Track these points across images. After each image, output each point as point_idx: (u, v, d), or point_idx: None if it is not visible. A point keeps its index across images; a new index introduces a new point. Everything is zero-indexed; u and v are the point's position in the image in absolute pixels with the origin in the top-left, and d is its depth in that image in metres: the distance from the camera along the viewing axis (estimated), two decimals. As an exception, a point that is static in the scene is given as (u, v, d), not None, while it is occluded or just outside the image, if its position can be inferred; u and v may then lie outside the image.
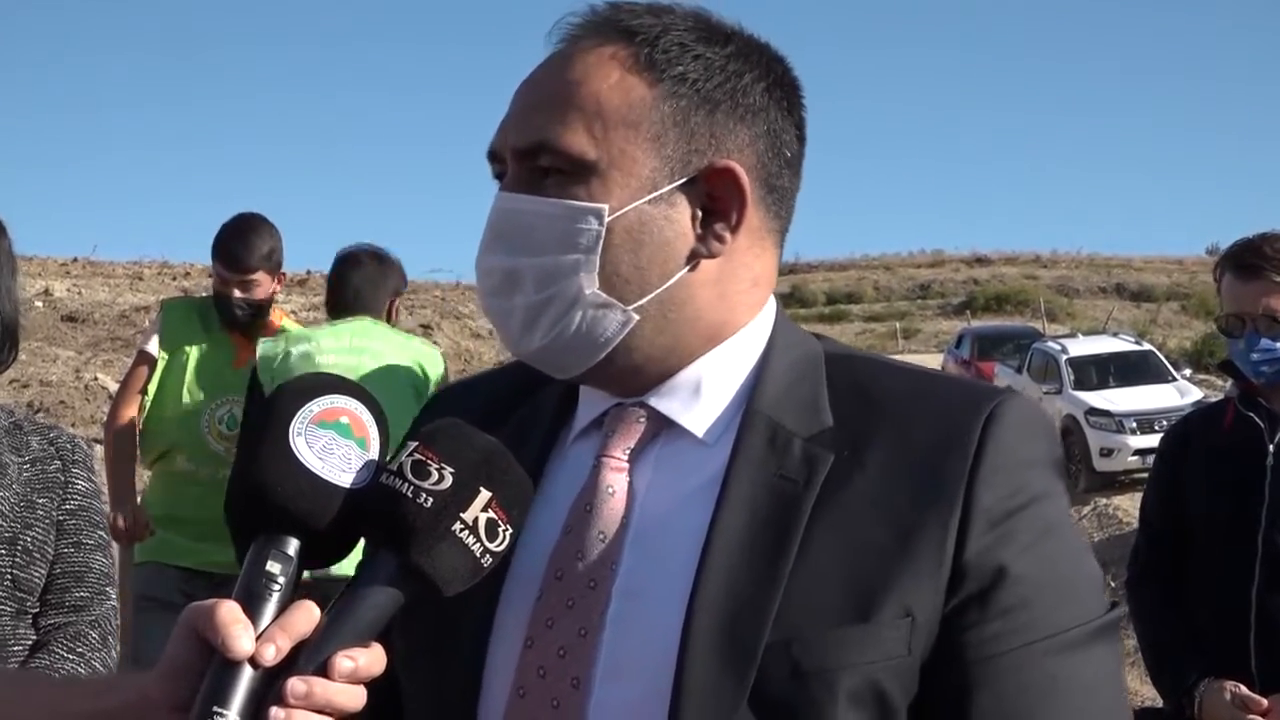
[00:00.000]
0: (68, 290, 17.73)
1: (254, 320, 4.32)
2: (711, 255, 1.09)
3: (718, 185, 1.08)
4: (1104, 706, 1.03)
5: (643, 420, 1.11)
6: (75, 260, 21.51)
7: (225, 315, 4.30)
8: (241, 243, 4.24)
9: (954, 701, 0.99)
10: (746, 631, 0.98)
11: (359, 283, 4.13)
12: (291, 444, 0.98)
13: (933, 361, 27.42)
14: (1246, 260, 2.78)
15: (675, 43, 1.08)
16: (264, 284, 4.28)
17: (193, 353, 4.23)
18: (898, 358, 1.39)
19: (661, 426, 1.11)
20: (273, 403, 1.02)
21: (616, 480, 1.09)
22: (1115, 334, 21.94)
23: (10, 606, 2.05)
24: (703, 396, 1.11)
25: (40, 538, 2.09)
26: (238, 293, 4.24)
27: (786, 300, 52.38)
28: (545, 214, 1.05)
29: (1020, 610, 1.00)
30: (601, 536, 1.07)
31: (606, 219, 1.05)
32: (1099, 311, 44.14)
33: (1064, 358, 18.35)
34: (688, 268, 1.08)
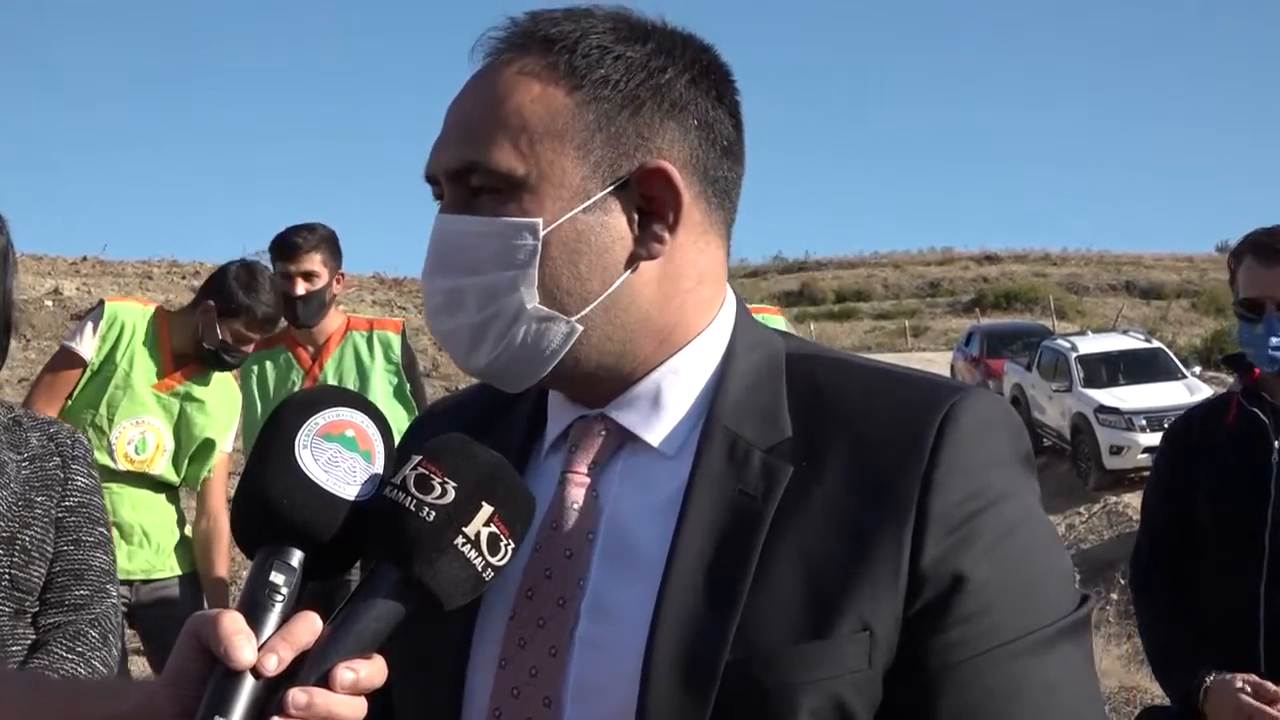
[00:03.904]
0: (77, 289, 17.75)
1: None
2: (652, 257, 1.07)
3: (651, 186, 1.06)
4: (1073, 705, 1.00)
5: (604, 433, 1.11)
6: (85, 259, 21.58)
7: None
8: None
9: (918, 711, 0.98)
10: (707, 651, 0.98)
11: None
12: (296, 456, 0.99)
13: (942, 359, 27.38)
14: (1270, 243, 2.72)
15: (594, 46, 1.07)
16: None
17: (120, 366, 4.06)
18: (906, 356, 1.37)
19: (624, 439, 1.11)
20: (279, 415, 1.02)
21: (580, 495, 1.09)
22: (1125, 331, 21.84)
23: (9, 606, 2.04)
24: (663, 408, 1.10)
25: (39, 536, 2.08)
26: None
27: (796, 298, 52.40)
28: (480, 233, 1.05)
29: (981, 616, 0.98)
30: (568, 553, 1.07)
31: (541, 232, 1.04)
32: (1109, 309, 44.01)
33: (1074, 355, 18.29)
34: (629, 272, 1.07)
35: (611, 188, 1.06)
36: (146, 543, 4.11)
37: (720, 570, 1.00)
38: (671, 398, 1.10)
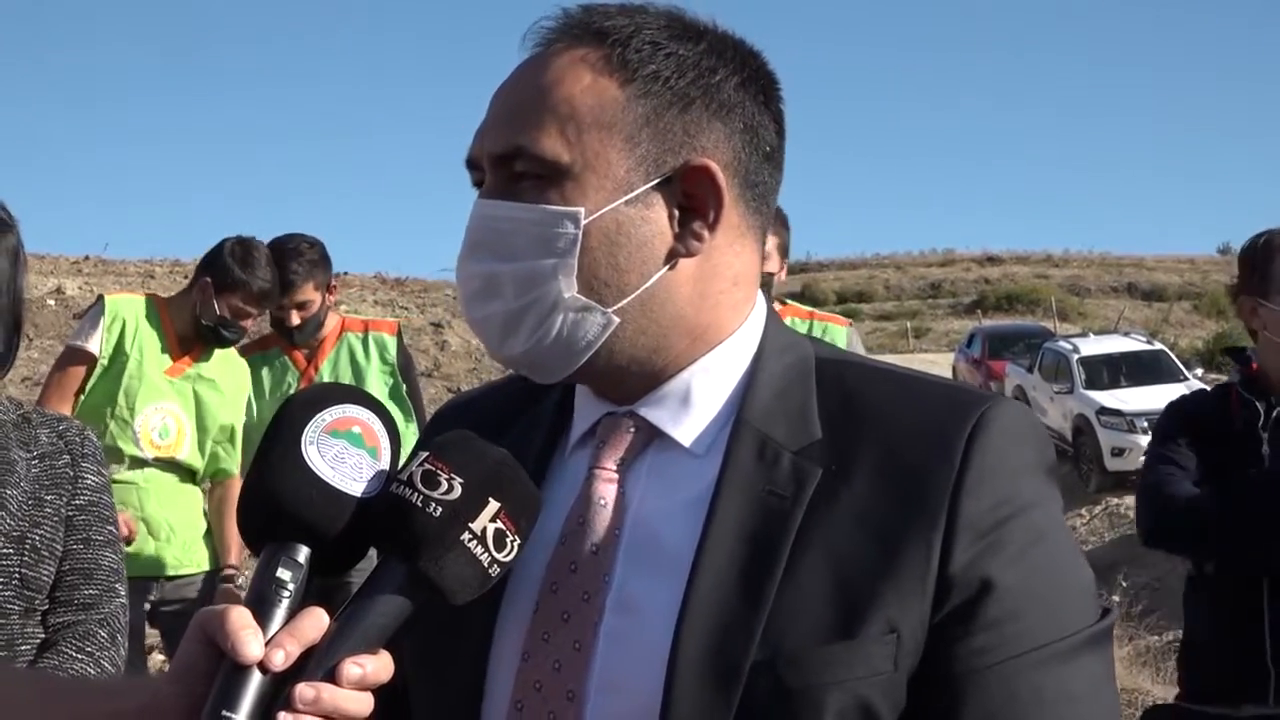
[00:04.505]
0: (79, 288, 17.76)
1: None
2: (690, 254, 1.08)
3: (694, 184, 1.07)
4: (1094, 717, 1.01)
5: (633, 430, 1.11)
6: (87, 258, 21.57)
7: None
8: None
9: (942, 715, 0.98)
10: (733, 650, 0.98)
11: None
12: (303, 453, 0.99)
13: (944, 360, 27.37)
14: None
15: (647, 41, 1.08)
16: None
17: (132, 356, 4.10)
18: (907, 358, 1.38)
19: (652, 436, 1.11)
20: (286, 411, 1.03)
21: (608, 492, 1.09)
22: (1127, 333, 21.86)
23: (19, 605, 2.03)
24: (692, 406, 1.11)
25: (49, 535, 2.07)
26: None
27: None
28: (521, 219, 1.05)
29: (1007, 623, 0.99)
30: (594, 549, 1.07)
31: (583, 221, 1.04)
32: (1110, 311, 43.99)
33: (1075, 357, 18.32)
34: (667, 267, 1.07)
35: (655, 182, 1.06)
36: (174, 538, 4.12)
37: (748, 569, 1.01)
38: (701, 397, 1.11)
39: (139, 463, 4.06)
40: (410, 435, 4.13)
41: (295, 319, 4.41)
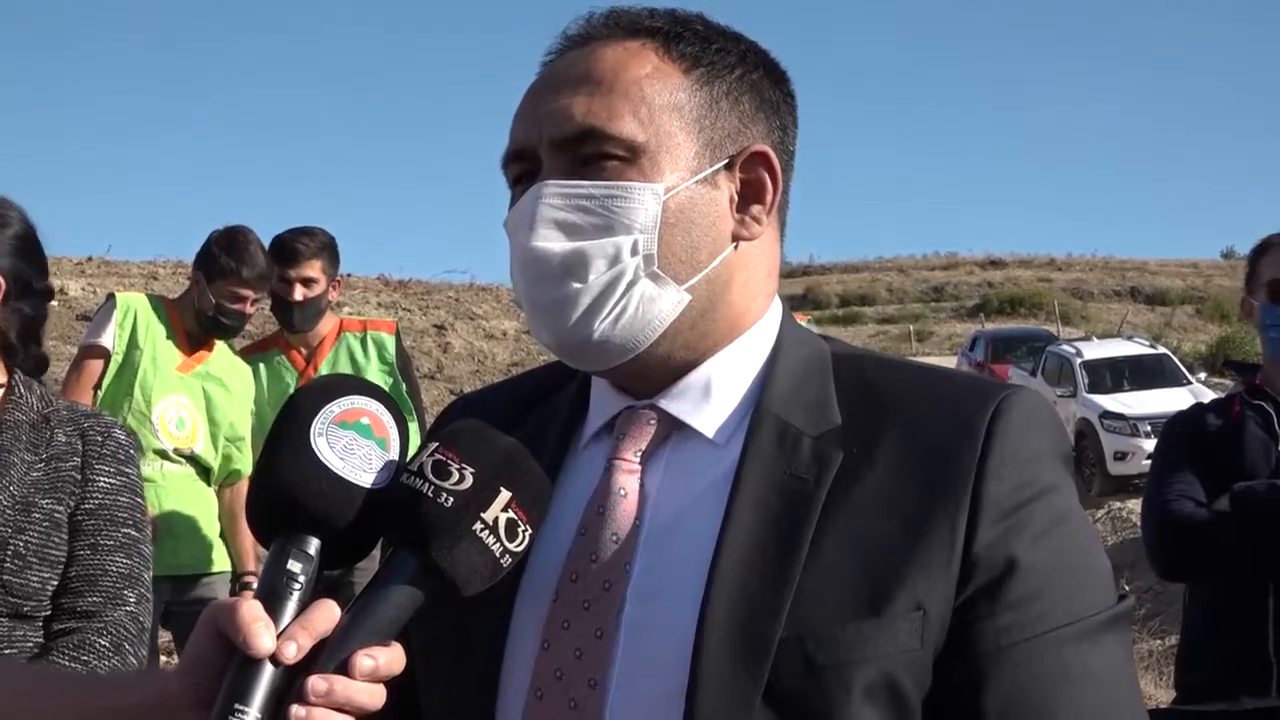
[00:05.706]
0: (82, 289, 17.75)
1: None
2: (751, 238, 1.12)
3: (751, 169, 1.12)
4: (1118, 695, 1.03)
5: (653, 423, 1.13)
6: (90, 259, 21.53)
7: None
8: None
9: (967, 693, 1.00)
10: (760, 628, 0.99)
11: None
12: (313, 444, 0.99)
13: (946, 364, 27.33)
14: None
15: (699, 37, 1.13)
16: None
17: (145, 350, 4.15)
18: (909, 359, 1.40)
19: (672, 428, 1.13)
20: (294, 403, 1.03)
21: (628, 482, 1.10)
22: (1130, 337, 21.86)
23: (3, 609, 1.98)
24: (713, 397, 1.12)
25: (37, 541, 2.02)
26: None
27: (800, 302, 52.35)
28: (604, 196, 1.07)
29: (1032, 601, 1.01)
30: (615, 538, 1.08)
31: (663, 197, 1.07)
32: (1113, 315, 44.04)
33: (1078, 361, 18.32)
34: (731, 247, 1.11)
35: (722, 163, 1.11)
36: (190, 537, 4.14)
37: (772, 550, 1.02)
38: (721, 388, 1.13)
39: (160, 455, 4.10)
40: (411, 435, 4.14)
41: (298, 293, 4.42)
